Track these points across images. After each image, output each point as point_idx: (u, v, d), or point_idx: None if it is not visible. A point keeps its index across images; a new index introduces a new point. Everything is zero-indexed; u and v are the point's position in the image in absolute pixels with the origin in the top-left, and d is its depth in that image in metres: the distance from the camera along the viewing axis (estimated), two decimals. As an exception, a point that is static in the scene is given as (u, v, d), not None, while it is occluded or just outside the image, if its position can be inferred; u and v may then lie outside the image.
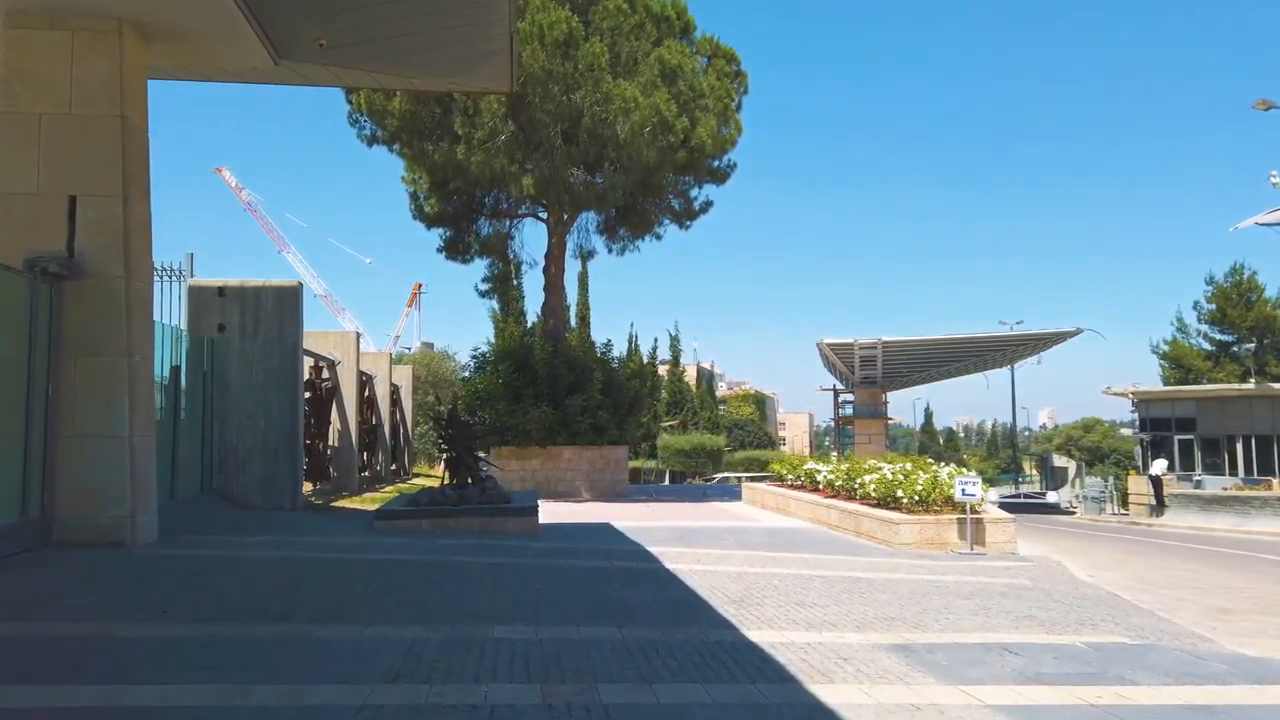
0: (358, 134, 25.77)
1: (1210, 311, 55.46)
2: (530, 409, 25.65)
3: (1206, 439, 30.34)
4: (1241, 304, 54.51)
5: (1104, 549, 18.21)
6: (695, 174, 25.82)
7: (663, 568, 10.86)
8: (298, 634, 6.58)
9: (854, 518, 16.24)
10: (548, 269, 28.06)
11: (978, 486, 14.68)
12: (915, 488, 15.41)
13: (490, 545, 12.27)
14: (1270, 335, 54.69)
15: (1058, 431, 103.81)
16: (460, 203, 28.33)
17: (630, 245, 28.07)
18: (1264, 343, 54.82)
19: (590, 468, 27.06)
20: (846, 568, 11.76)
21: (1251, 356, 53.57)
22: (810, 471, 20.56)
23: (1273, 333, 54.54)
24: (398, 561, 10.51)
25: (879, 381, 39.99)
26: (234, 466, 16.47)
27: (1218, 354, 55.08)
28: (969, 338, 35.46)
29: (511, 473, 26.84)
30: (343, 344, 22.13)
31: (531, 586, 9.00)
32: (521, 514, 14.19)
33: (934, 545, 14.61)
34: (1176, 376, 50.58)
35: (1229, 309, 54.46)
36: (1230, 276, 54.96)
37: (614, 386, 27.32)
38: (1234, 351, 55.43)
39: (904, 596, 9.44)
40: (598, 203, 24.49)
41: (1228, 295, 54.58)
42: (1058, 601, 9.62)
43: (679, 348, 62.55)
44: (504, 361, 27.29)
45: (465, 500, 14.39)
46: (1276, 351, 54.57)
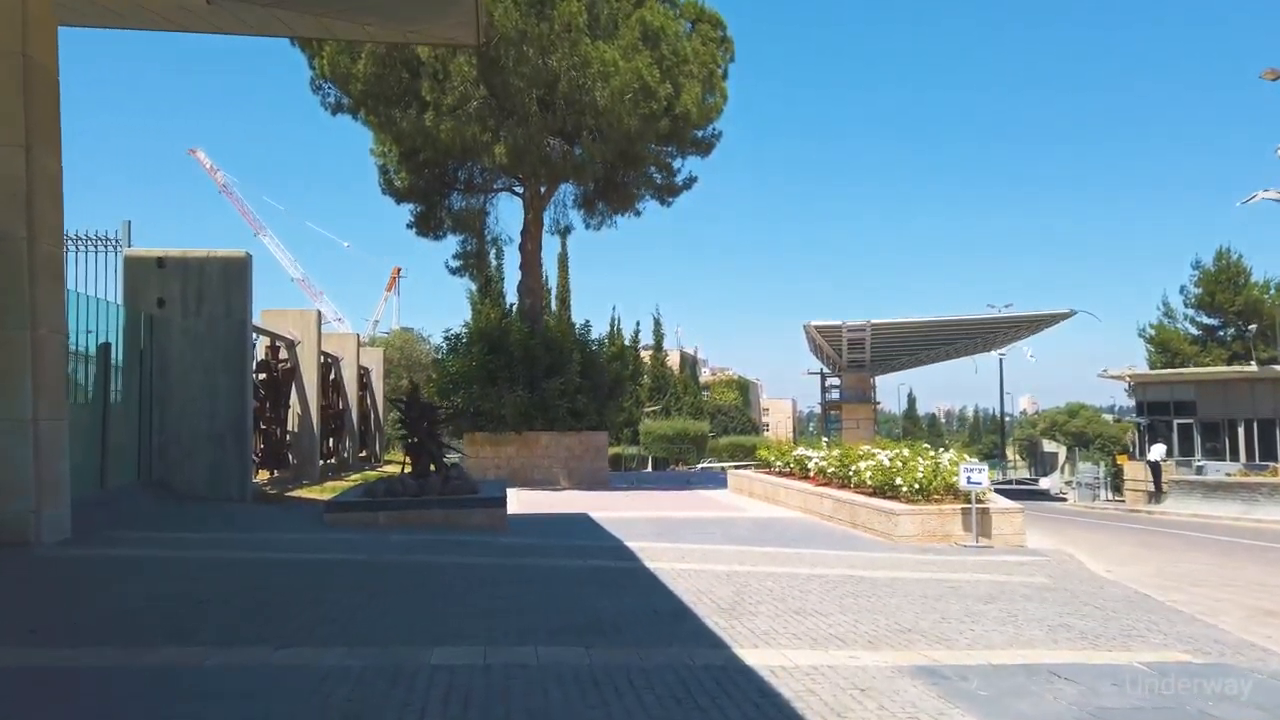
0: (321, 101, 24.28)
1: (1197, 296, 54.85)
2: (505, 393, 24.34)
3: (1206, 423, 29.43)
4: (1229, 288, 53.92)
5: (1114, 540, 17.19)
6: (679, 144, 24.50)
7: (643, 568, 9.65)
8: (188, 661, 5.31)
9: (849, 508, 15.10)
10: (524, 246, 26.69)
11: (984, 474, 13.55)
12: (915, 476, 14.27)
13: (450, 542, 11.02)
14: (1258, 319, 54.23)
15: (1042, 416, 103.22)
16: (431, 176, 26.88)
17: (609, 221, 26.74)
18: (1251, 327, 54.40)
19: (568, 455, 25.80)
20: (846, 565, 10.59)
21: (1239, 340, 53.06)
22: (800, 458, 19.41)
23: (1260, 317, 54.07)
24: (341, 563, 9.25)
25: (867, 366, 38.92)
26: (177, 454, 15.13)
27: (1204, 339, 54.54)
28: (960, 320, 34.43)
29: (486, 459, 25.59)
30: (302, 323, 20.75)
31: (489, 593, 7.77)
32: (488, 506, 12.93)
33: (937, 538, 13.49)
34: (1163, 361, 49.95)
35: (1217, 293, 53.86)
36: (1218, 261, 54.44)
37: (593, 369, 26.04)
38: (1220, 336, 54.99)
39: (916, 601, 8.27)
40: (575, 174, 23.12)
41: (1215, 280, 53.98)
42: (1089, 605, 8.48)
43: (662, 332, 61.39)
44: (478, 343, 25.93)
45: (426, 491, 13.12)
46: (1264, 336, 54.16)
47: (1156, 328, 55.91)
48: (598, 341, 27.04)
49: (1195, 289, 55.01)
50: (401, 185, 27.00)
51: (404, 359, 37.32)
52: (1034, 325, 35.35)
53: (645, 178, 25.49)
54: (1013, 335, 36.82)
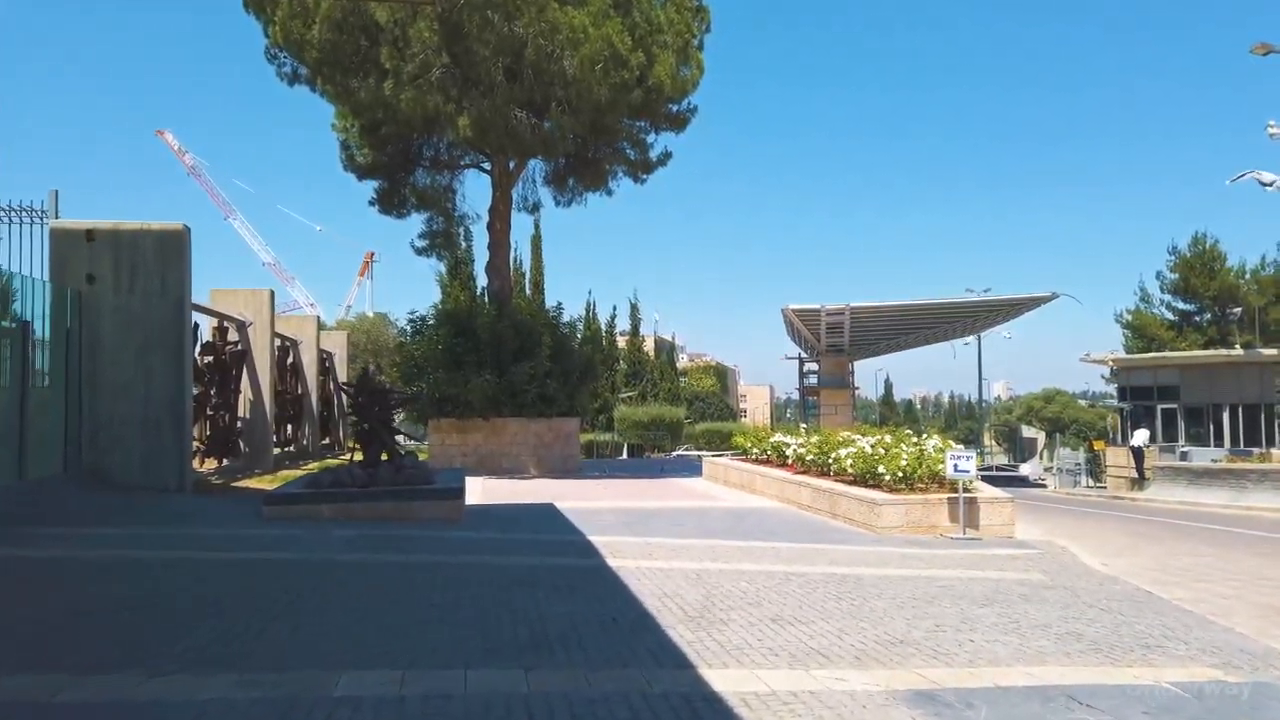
0: (277, 72, 23.03)
1: (1173, 281, 54.71)
2: (472, 377, 23.32)
3: (1190, 408, 28.91)
4: (1205, 273, 53.81)
5: (1104, 530, 16.53)
6: (652, 118, 23.49)
7: (604, 566, 8.76)
8: (35, 697, 4.36)
9: (829, 497, 14.29)
10: (492, 225, 25.61)
11: (971, 462, 12.77)
12: (899, 464, 13.48)
13: (397, 538, 10.08)
14: (1232, 304, 54.14)
15: (1018, 402, 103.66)
16: (395, 152, 25.72)
17: (580, 198, 25.70)
18: (1226, 312, 54.32)
19: (538, 442, 24.86)
20: (827, 561, 9.76)
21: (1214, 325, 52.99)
22: (778, 445, 18.59)
23: (1235, 302, 53.98)
24: (266, 564, 8.29)
25: (846, 350, 38.18)
26: (108, 442, 14.05)
27: (1180, 323, 54.44)
28: (941, 303, 33.73)
29: (452, 447, 24.59)
30: (254, 303, 19.63)
31: (424, 599, 6.85)
32: (442, 497, 11.99)
33: (922, 529, 12.71)
34: (1140, 346, 49.80)
35: (1192, 278, 53.75)
36: (1194, 246, 54.29)
37: (564, 353, 25.06)
38: (1196, 321, 54.90)
39: (906, 604, 7.44)
40: (544, 148, 22.05)
41: (1191, 265, 53.84)
42: (1094, 607, 7.69)
43: (639, 317, 60.48)
44: (444, 325, 24.90)
45: (376, 482, 12.16)
46: (1239, 320, 54.08)
47: (1133, 313, 55.71)
48: (569, 324, 26.07)
49: (1171, 274, 54.84)
50: (364, 161, 25.83)
51: (370, 343, 36.17)
52: (1015, 308, 34.73)
53: (618, 153, 24.46)
54: (994, 319, 36.19)
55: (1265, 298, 52.62)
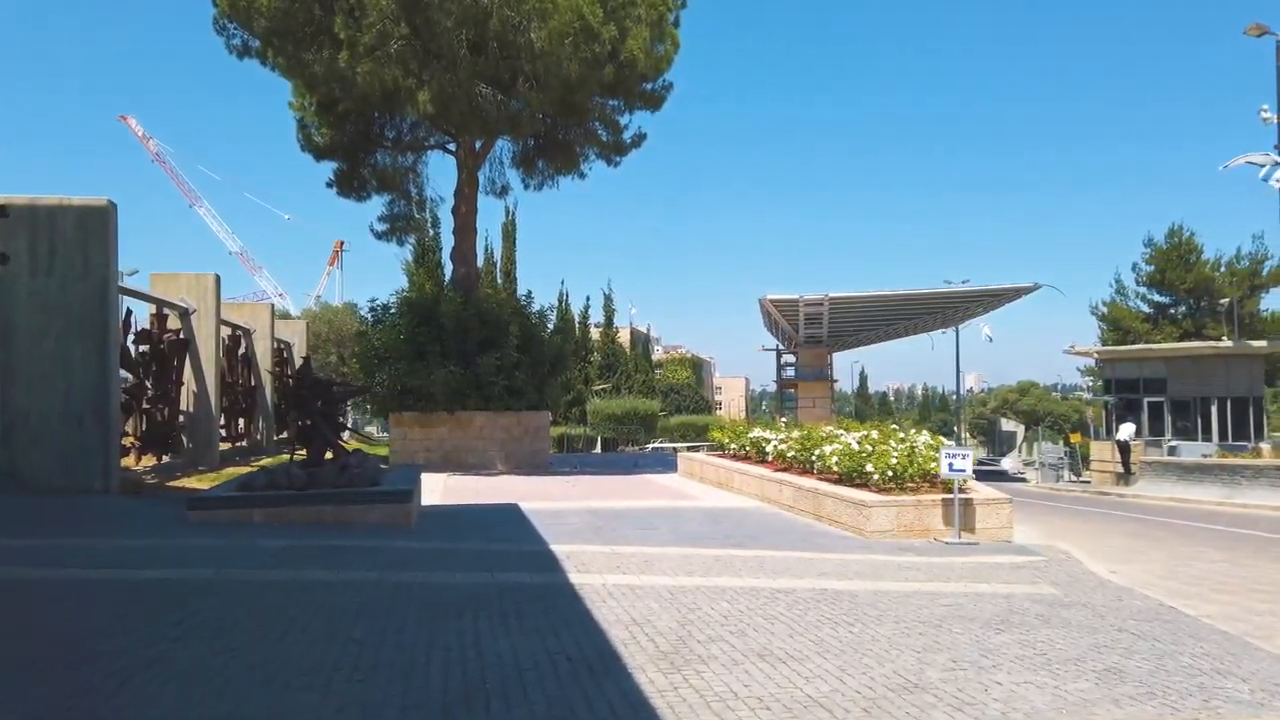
0: (226, 44, 21.58)
1: (1149, 274, 54.47)
2: (435, 368, 22.13)
3: (1177, 402, 28.20)
4: (1181, 266, 53.60)
5: (1101, 530, 15.66)
6: (625, 97, 22.32)
7: (565, 584, 7.67)
8: None
9: (813, 497, 13.29)
10: (457, 208, 24.37)
11: (967, 461, 11.80)
12: (888, 462, 12.50)
13: (332, 549, 8.92)
14: (1208, 297, 53.96)
15: (993, 394, 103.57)
16: (355, 131, 24.42)
17: (550, 181, 24.49)
18: (1202, 304, 54.15)
19: (506, 436, 23.70)
20: (816, 573, 8.73)
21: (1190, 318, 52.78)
22: (758, 440, 17.58)
23: (1210, 294, 53.79)
24: (170, 585, 7.12)
25: (824, 341, 37.24)
26: (23, 439, 12.75)
27: (1156, 316, 54.21)
28: (922, 293, 32.89)
29: (414, 442, 23.41)
30: (198, 288, 18.30)
31: (342, 633, 5.71)
32: (390, 501, 10.84)
33: (914, 533, 11.73)
34: (1115, 339, 49.52)
35: (1168, 270, 53.51)
36: (1169, 238, 54.07)
37: (534, 343, 23.90)
38: (1172, 314, 54.69)
39: (912, 629, 6.42)
40: (511, 127, 20.82)
41: (1167, 257, 53.58)
42: (1124, 631, 6.72)
43: (613, 308, 59.29)
44: (406, 314, 23.67)
45: (316, 483, 10.98)
46: (1213, 313, 53.91)
47: (1109, 305, 55.39)
48: (539, 313, 24.89)
49: (1147, 267, 54.62)
50: (322, 141, 24.51)
51: (333, 333, 34.78)
52: (997, 299, 33.98)
53: (589, 134, 23.29)
54: (975, 309, 35.40)
55: (1240, 290, 52.57)
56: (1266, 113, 21.97)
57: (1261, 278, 53.11)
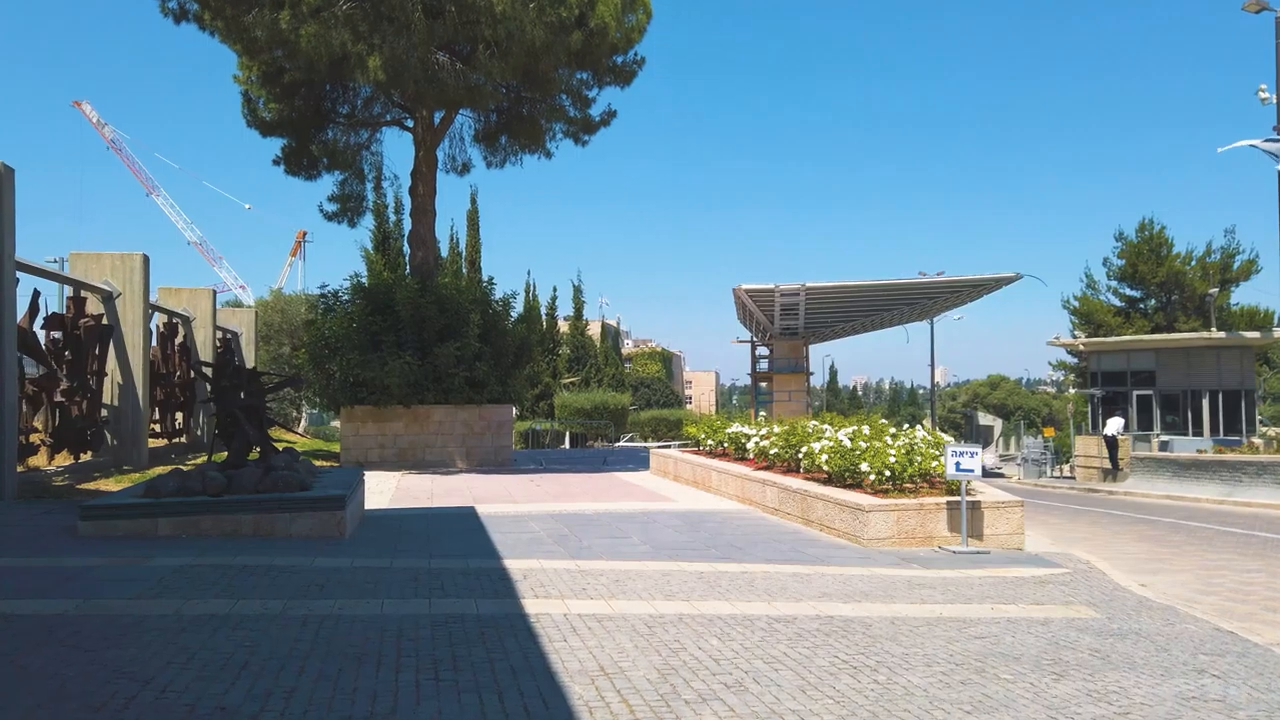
0: (162, 7, 19.87)
1: (1120, 268, 54.21)
2: (390, 359, 20.57)
3: (1166, 395, 27.30)
4: (1152, 260, 53.34)
5: (1106, 533, 14.53)
6: (595, 69, 20.89)
7: (518, 615, 6.27)
8: None
9: (801, 500, 12.00)
10: (414, 189, 22.81)
11: (977, 460, 10.58)
12: (886, 460, 11.24)
13: (241, 570, 7.45)
14: (1179, 291, 53.71)
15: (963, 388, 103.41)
16: (304, 106, 22.75)
17: (513, 158, 22.98)
18: (1173, 298, 53.89)
19: (466, 431, 22.22)
20: (817, 593, 7.43)
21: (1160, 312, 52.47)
22: (736, 436, 16.27)
23: (1181, 288, 53.53)
24: (14, 623, 5.63)
25: (800, 333, 36.06)
26: (-99, 436, 11.10)
27: (1127, 310, 53.91)
28: (903, 283, 31.82)
29: (368, 438, 21.86)
30: (124, 270, 16.61)
31: (215, 699, 4.28)
32: (319, 508, 9.37)
33: (917, 540, 10.50)
34: (1087, 332, 49.11)
35: (1140, 264, 53.24)
36: (1140, 232, 53.78)
37: (497, 333, 22.40)
38: (1142, 308, 54.41)
39: (950, 677, 5.12)
40: (471, 98, 19.28)
41: (1139, 251, 53.30)
42: (1204, 673, 5.48)
43: (582, 299, 57.54)
44: (358, 300, 22.07)
45: (236, 487, 9.49)
46: (1184, 307, 53.65)
47: (1080, 299, 55.00)
48: (502, 301, 23.37)
49: (1118, 260, 54.28)
50: (269, 116, 22.83)
51: (286, 323, 32.97)
52: (979, 289, 32.99)
53: (556, 109, 21.81)
54: (956, 300, 34.43)
55: (1211, 285, 52.34)
56: (1264, 92, 21.05)
57: (1232, 272, 53.02)
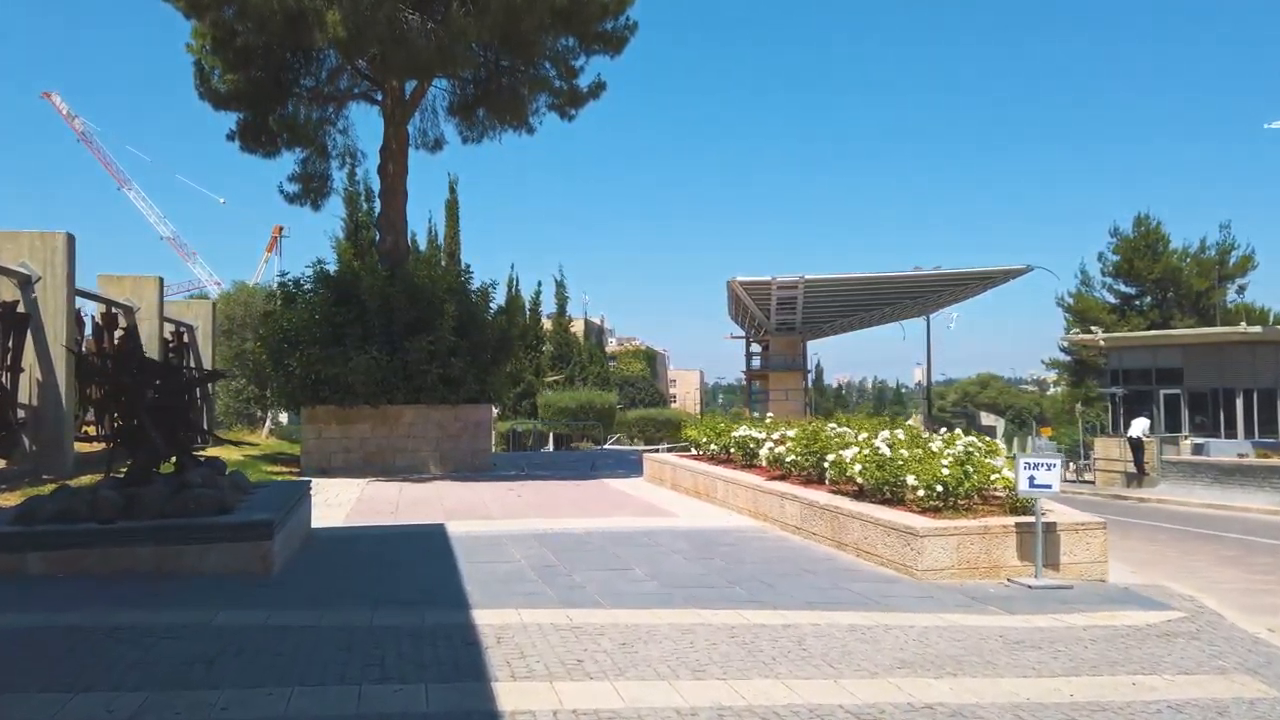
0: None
1: (1115, 264, 53.02)
2: (354, 353, 18.56)
3: (1195, 394, 25.63)
4: (1148, 255, 52.15)
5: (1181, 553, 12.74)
6: (582, 33, 18.87)
7: (486, 716, 4.30)
8: None
9: (831, 518, 10.09)
10: (384, 168, 20.76)
11: (1055, 473, 8.70)
12: (937, 473, 9.33)
13: (108, 634, 5.45)
14: (1175, 287, 52.46)
15: (952, 387, 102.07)
16: (263, 76, 20.61)
17: (492, 133, 20.91)
18: (1168, 295, 52.66)
19: (440, 434, 20.21)
20: (892, 660, 5.51)
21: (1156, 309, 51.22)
22: (745, 441, 14.32)
23: (1177, 285, 52.29)
24: None
25: (798, 328, 34.21)
26: None
27: (1122, 307, 52.68)
28: (907, 275, 30.05)
29: (331, 441, 19.84)
30: (43, 250, 14.51)
31: None
32: (238, 538, 7.36)
33: (981, 571, 8.61)
34: (1081, 330, 47.70)
35: (1136, 260, 52.05)
36: (1137, 227, 52.58)
37: (474, 326, 20.37)
38: (1138, 305, 53.18)
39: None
40: (444, 62, 17.22)
41: (1135, 247, 52.12)
42: None
43: (566, 295, 55.47)
44: (321, 290, 20.02)
45: (135, 510, 7.46)
46: (1179, 303, 52.41)
47: (1074, 295, 53.68)
48: (480, 290, 21.36)
49: (1113, 256, 53.00)
50: (224, 88, 20.67)
51: (249, 316, 30.78)
52: (986, 282, 31.28)
53: (539, 79, 19.80)
54: (961, 293, 32.67)
55: (1208, 281, 51.09)
56: None
57: (1228, 268, 51.86)
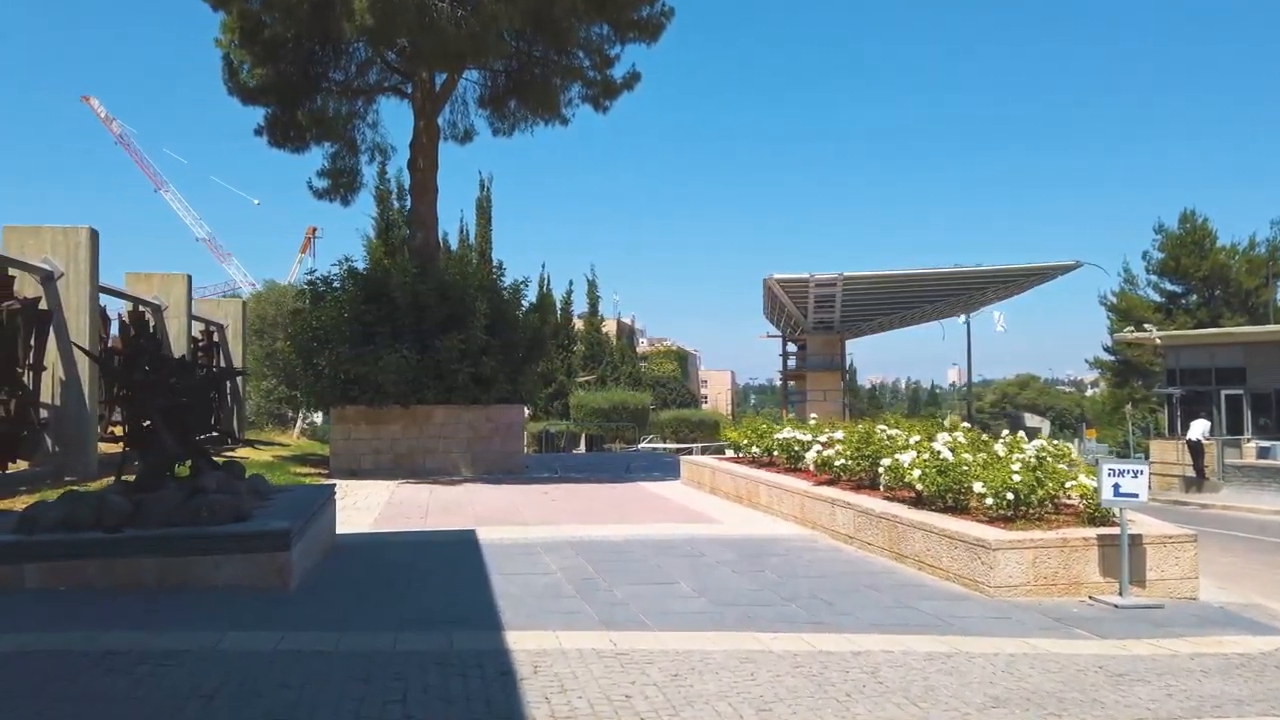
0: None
1: (1160, 261, 51.63)
2: (385, 353, 18.07)
3: (1257, 394, 24.44)
4: (1195, 252, 50.65)
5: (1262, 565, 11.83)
6: (616, 20, 18.23)
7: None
8: None
9: (889, 528, 9.35)
10: (414, 162, 20.27)
11: (1142, 480, 7.92)
12: (1008, 480, 8.57)
13: (99, 660, 4.88)
14: (1223, 285, 50.88)
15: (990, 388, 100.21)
16: (291, 70, 20.24)
17: (523, 124, 20.34)
18: (1216, 293, 51.12)
19: (472, 435, 19.67)
20: (983, 698, 4.80)
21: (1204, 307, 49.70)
22: (789, 443, 13.59)
23: (1225, 283, 50.70)
24: None
25: (836, 327, 33.32)
26: None
27: (1168, 305, 51.21)
28: (952, 272, 29.02)
29: (360, 443, 19.40)
30: (66, 246, 14.13)
31: None
32: (252, 549, 6.79)
33: (1060, 588, 7.86)
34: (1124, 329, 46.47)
35: (1183, 257, 50.59)
36: (1183, 224, 51.10)
37: (506, 324, 19.83)
38: (1184, 303, 51.69)
39: None
40: (475, 49, 16.62)
41: (1181, 243, 50.66)
42: None
43: (597, 294, 54.91)
44: (350, 287, 19.57)
45: (143, 518, 6.92)
46: (1228, 302, 50.79)
47: (1118, 295, 52.32)
48: (512, 288, 20.80)
49: (1158, 254, 51.63)
50: (252, 82, 20.31)
51: (281, 315, 30.52)
52: (1034, 278, 30.16)
53: (572, 68, 19.20)
54: (1008, 289, 31.55)
55: (1257, 279, 49.42)
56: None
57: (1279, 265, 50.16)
